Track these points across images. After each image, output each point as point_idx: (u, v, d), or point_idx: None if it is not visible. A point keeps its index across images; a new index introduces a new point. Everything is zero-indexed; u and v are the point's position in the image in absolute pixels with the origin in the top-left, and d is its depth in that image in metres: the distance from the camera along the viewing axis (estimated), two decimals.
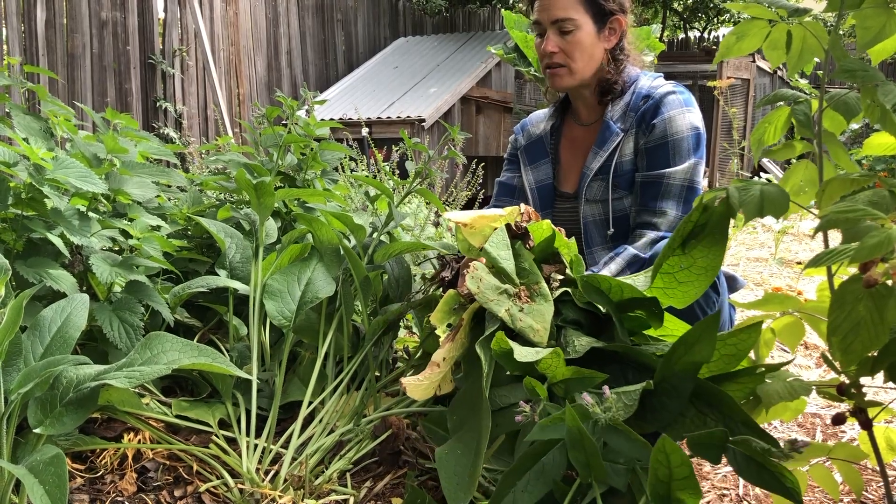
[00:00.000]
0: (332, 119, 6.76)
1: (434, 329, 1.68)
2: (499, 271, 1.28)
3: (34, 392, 1.24)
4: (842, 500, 1.54)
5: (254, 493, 1.42)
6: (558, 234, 1.35)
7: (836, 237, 0.87)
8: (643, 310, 1.26)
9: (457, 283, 1.40)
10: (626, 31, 1.81)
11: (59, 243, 1.55)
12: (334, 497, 1.45)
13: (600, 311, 1.29)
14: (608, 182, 1.75)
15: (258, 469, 1.50)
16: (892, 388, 1.15)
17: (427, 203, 3.42)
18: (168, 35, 6.60)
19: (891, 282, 0.78)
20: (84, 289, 1.72)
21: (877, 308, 0.80)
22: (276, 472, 1.48)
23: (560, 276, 1.33)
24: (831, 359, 0.92)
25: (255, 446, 1.55)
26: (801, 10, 1.03)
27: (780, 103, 1.10)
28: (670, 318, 1.27)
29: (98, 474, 1.50)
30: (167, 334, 1.34)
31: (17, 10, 5.48)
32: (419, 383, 1.25)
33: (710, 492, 1.62)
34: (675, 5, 10.94)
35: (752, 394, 1.08)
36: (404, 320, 2.29)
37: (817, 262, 0.85)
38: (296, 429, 1.58)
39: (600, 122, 1.81)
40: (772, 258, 4.51)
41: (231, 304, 1.85)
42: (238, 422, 1.61)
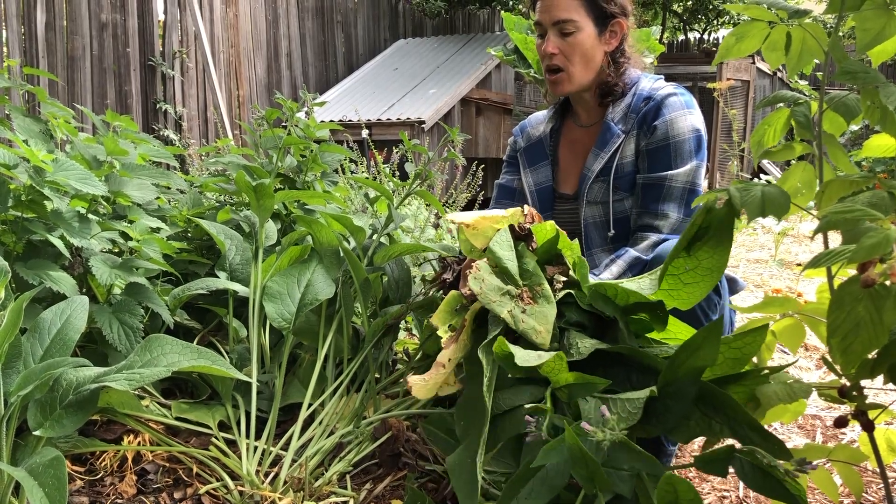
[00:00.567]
0: (331, 121, 6.78)
1: (434, 331, 1.67)
2: (502, 271, 1.27)
3: (34, 394, 1.24)
4: (842, 502, 1.54)
5: (254, 496, 1.42)
6: (562, 236, 1.35)
7: (836, 239, 0.87)
8: (648, 313, 1.26)
9: (458, 284, 1.40)
10: (626, 34, 1.81)
11: (59, 245, 1.55)
12: (334, 499, 1.45)
13: (604, 313, 1.28)
14: (609, 184, 1.75)
15: (258, 471, 1.50)
16: (892, 390, 1.15)
17: (427, 205, 3.42)
18: (168, 37, 6.60)
19: (889, 282, 0.78)
20: (84, 291, 1.72)
21: (875, 308, 0.80)
22: (276, 475, 1.48)
23: (563, 278, 1.32)
24: (831, 361, 0.92)
25: (255, 448, 1.55)
26: (801, 11, 1.03)
27: (780, 105, 1.10)
28: (673, 320, 1.26)
29: (98, 476, 1.50)
30: (167, 336, 1.34)
31: (17, 12, 5.48)
32: (424, 383, 1.26)
33: (710, 494, 1.62)
34: (674, 7, 10.94)
35: (752, 396, 1.08)
36: (404, 322, 2.29)
37: (816, 263, 0.85)
38: (296, 431, 1.58)
39: (600, 123, 1.81)
40: (772, 260, 4.51)
41: (231, 306, 1.85)
42: (238, 424, 1.61)
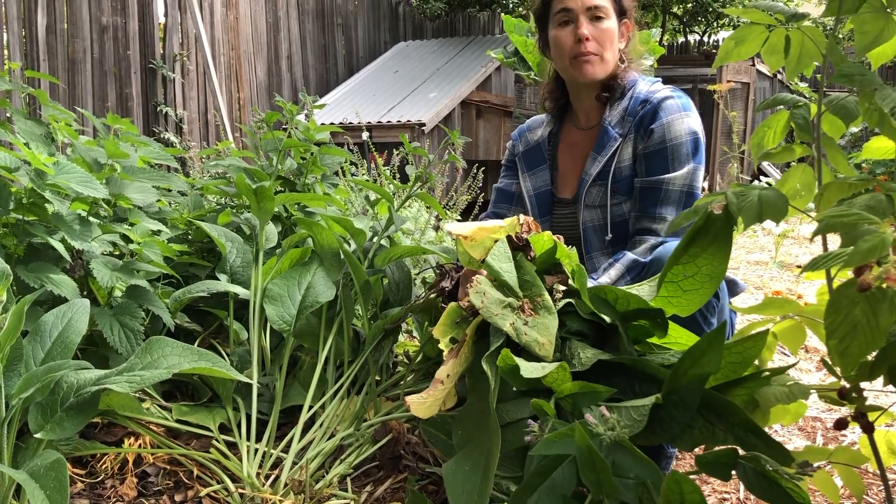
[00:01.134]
0: (332, 123, 6.78)
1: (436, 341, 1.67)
2: (501, 284, 1.27)
3: (35, 397, 1.24)
4: None
5: (254, 498, 1.42)
6: (560, 245, 1.34)
7: (835, 240, 0.88)
8: (648, 319, 1.26)
9: (457, 292, 1.40)
10: (632, 36, 1.82)
11: (60, 248, 1.55)
12: (335, 502, 1.45)
13: (605, 321, 1.28)
14: (607, 187, 1.75)
15: (259, 473, 1.50)
16: (892, 392, 1.15)
17: (427, 207, 3.43)
18: (168, 40, 6.61)
19: (885, 285, 0.78)
20: (85, 293, 1.72)
21: (872, 311, 0.80)
22: (277, 477, 1.48)
23: (563, 287, 1.32)
24: (830, 363, 0.92)
25: (256, 451, 1.55)
26: (800, 14, 1.04)
27: (780, 107, 1.10)
28: (673, 325, 1.26)
29: (98, 479, 1.50)
30: (168, 339, 1.35)
31: (17, 15, 5.49)
32: (423, 401, 1.23)
33: (710, 496, 1.62)
34: (674, 9, 10.95)
35: (753, 399, 1.08)
36: (405, 324, 2.29)
37: (814, 265, 0.85)
38: (296, 433, 1.58)
39: (598, 126, 1.81)
40: (772, 261, 4.51)
41: (231, 309, 1.85)
42: (238, 426, 1.62)
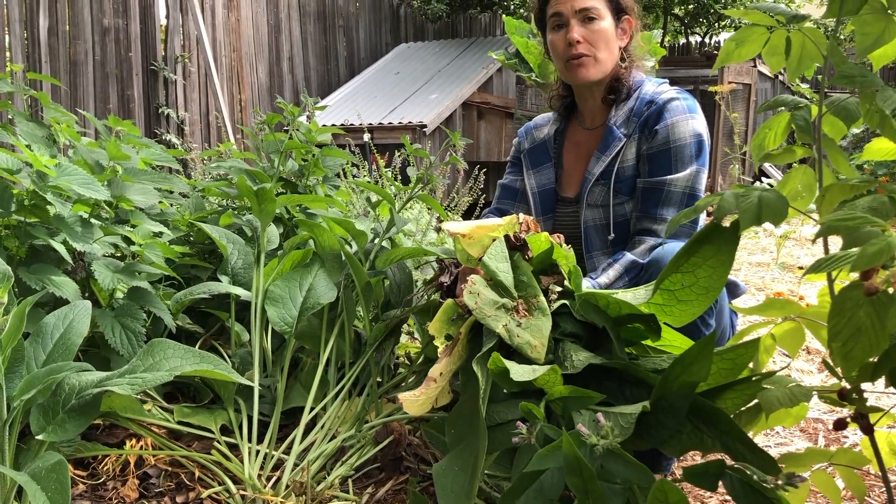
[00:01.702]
0: (333, 125, 6.78)
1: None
2: (497, 284, 1.26)
3: (37, 399, 1.24)
4: None
5: (256, 500, 1.42)
6: (556, 247, 1.34)
7: (836, 242, 0.87)
8: (641, 324, 1.25)
9: (455, 288, 1.39)
10: (634, 33, 1.81)
11: (61, 250, 1.55)
12: (336, 503, 1.45)
13: (596, 324, 1.28)
14: (609, 187, 1.75)
15: (260, 475, 1.50)
16: (893, 394, 1.15)
17: (429, 208, 3.43)
18: (170, 42, 6.61)
19: (892, 289, 0.78)
20: (86, 295, 1.72)
21: (877, 315, 0.80)
22: (278, 479, 1.48)
23: (558, 288, 1.32)
24: (832, 364, 0.92)
25: (257, 452, 1.55)
26: (800, 16, 1.04)
27: (781, 109, 1.10)
28: (667, 329, 1.26)
29: (100, 481, 1.50)
30: (169, 341, 1.35)
31: (20, 17, 5.50)
32: (415, 399, 1.23)
33: (712, 498, 1.62)
34: (676, 10, 10.94)
35: (753, 400, 1.08)
36: (406, 325, 2.29)
37: (817, 268, 0.85)
38: (297, 435, 1.58)
39: (604, 126, 1.81)
40: (773, 263, 4.51)
41: (233, 310, 1.85)
42: (240, 428, 1.62)
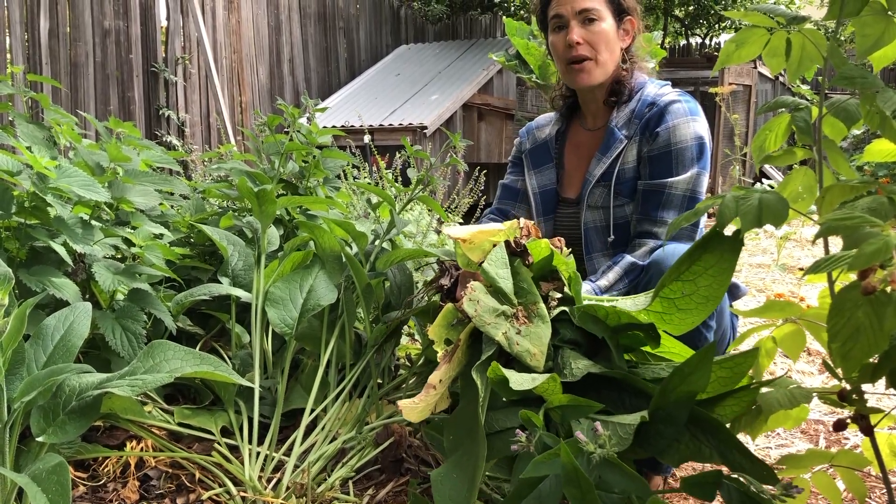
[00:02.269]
0: (334, 126, 6.78)
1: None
2: (497, 291, 1.26)
3: (37, 400, 1.24)
4: None
5: (256, 501, 1.42)
6: (556, 253, 1.33)
7: (837, 243, 0.87)
8: (641, 332, 1.25)
9: (455, 290, 1.39)
10: (636, 34, 1.80)
11: (62, 252, 1.55)
12: None
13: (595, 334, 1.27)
14: (610, 189, 1.74)
15: (260, 477, 1.50)
16: (894, 395, 1.15)
17: (429, 210, 3.43)
18: (171, 43, 6.62)
19: (889, 289, 0.78)
20: (87, 297, 1.72)
21: (876, 315, 0.80)
22: (279, 480, 1.48)
23: (558, 295, 1.31)
24: (832, 365, 0.92)
25: (258, 454, 1.55)
26: (801, 17, 1.04)
27: (781, 110, 1.10)
28: (666, 336, 1.25)
29: (100, 482, 1.50)
30: (170, 342, 1.35)
31: (20, 19, 5.51)
32: (415, 406, 1.23)
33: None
34: (676, 12, 10.95)
35: (754, 403, 1.08)
36: (406, 327, 2.29)
37: (816, 269, 0.85)
38: (298, 436, 1.58)
39: (605, 128, 1.81)
40: (774, 264, 4.51)
41: (233, 312, 1.85)
42: (240, 429, 1.62)
